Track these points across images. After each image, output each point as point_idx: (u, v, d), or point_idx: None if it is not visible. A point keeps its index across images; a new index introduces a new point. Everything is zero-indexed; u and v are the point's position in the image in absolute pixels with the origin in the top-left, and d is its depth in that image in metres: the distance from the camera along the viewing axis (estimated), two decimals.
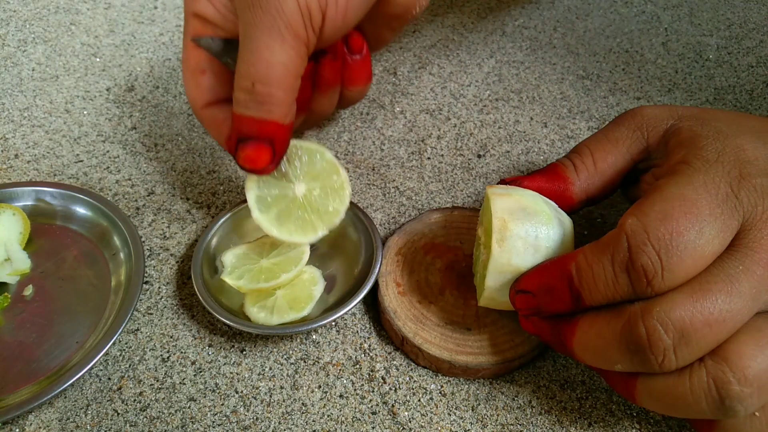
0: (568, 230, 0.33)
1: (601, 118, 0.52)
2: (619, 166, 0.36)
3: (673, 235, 0.27)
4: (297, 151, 0.38)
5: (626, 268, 0.27)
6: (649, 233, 0.27)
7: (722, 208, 0.28)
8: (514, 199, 0.33)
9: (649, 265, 0.27)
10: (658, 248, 0.27)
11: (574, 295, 0.29)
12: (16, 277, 0.39)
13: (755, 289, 0.27)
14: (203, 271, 0.38)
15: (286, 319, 0.36)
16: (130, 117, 0.52)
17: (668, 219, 0.27)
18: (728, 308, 0.26)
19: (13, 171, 0.47)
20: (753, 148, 0.30)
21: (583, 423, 0.34)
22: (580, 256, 0.29)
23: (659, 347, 0.26)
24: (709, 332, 0.26)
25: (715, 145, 0.30)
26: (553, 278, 0.30)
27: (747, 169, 0.29)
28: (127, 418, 0.34)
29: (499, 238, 0.32)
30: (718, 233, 0.27)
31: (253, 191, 0.37)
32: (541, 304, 0.31)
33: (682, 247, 0.27)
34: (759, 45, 0.60)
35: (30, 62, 0.56)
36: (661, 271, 0.27)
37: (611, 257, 0.28)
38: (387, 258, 0.39)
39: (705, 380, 0.26)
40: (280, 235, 0.37)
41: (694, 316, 0.26)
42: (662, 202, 0.28)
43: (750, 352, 0.26)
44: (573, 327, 0.30)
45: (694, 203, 0.28)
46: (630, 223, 0.28)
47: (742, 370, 0.26)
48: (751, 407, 0.27)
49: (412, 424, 0.34)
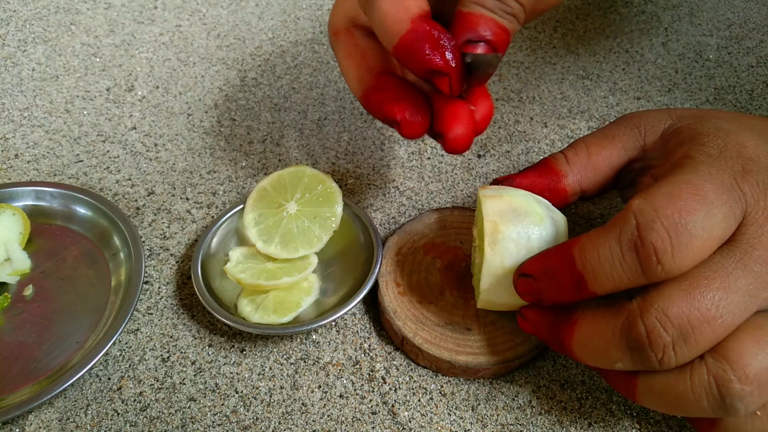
0: (562, 228, 0.33)
1: (601, 118, 0.52)
2: (613, 160, 0.36)
3: (683, 214, 0.26)
4: (281, 179, 0.41)
5: (634, 246, 0.27)
6: (657, 211, 0.26)
7: (728, 195, 0.27)
8: (505, 200, 0.33)
9: (659, 242, 0.26)
10: (668, 226, 0.26)
11: (576, 280, 0.28)
12: (16, 277, 0.39)
13: (753, 285, 0.27)
14: (203, 271, 0.39)
15: (265, 320, 0.36)
16: (130, 117, 0.52)
17: (676, 199, 0.27)
18: (725, 304, 0.26)
19: (13, 171, 0.47)
20: (754, 146, 0.30)
21: (583, 423, 0.34)
22: (585, 239, 0.28)
23: (659, 344, 0.26)
24: (707, 329, 0.26)
25: (717, 141, 0.30)
26: (555, 261, 0.29)
27: (749, 165, 0.29)
28: (127, 418, 0.34)
29: (491, 242, 0.32)
30: (724, 217, 0.27)
31: (252, 228, 0.40)
32: (542, 289, 0.30)
33: (691, 226, 0.26)
34: (759, 45, 0.60)
35: (30, 62, 0.56)
36: (671, 249, 0.26)
37: (618, 236, 0.27)
38: (387, 258, 0.39)
39: (706, 378, 0.26)
40: (290, 256, 0.39)
41: (692, 312, 0.26)
42: (669, 185, 0.28)
43: (751, 350, 0.26)
44: (571, 327, 0.30)
45: (700, 187, 0.27)
46: (637, 203, 0.27)
47: (742, 368, 0.26)
48: (752, 406, 0.26)
49: (412, 424, 0.34)
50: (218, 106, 0.52)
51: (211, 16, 0.62)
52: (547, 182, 0.36)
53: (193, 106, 0.53)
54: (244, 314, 0.37)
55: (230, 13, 0.62)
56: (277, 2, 0.64)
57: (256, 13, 0.63)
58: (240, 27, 0.61)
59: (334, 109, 0.52)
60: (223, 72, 0.56)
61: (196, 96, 0.53)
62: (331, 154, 0.49)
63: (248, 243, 0.40)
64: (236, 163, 0.48)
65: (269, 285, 0.37)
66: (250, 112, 0.52)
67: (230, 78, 0.55)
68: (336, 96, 0.54)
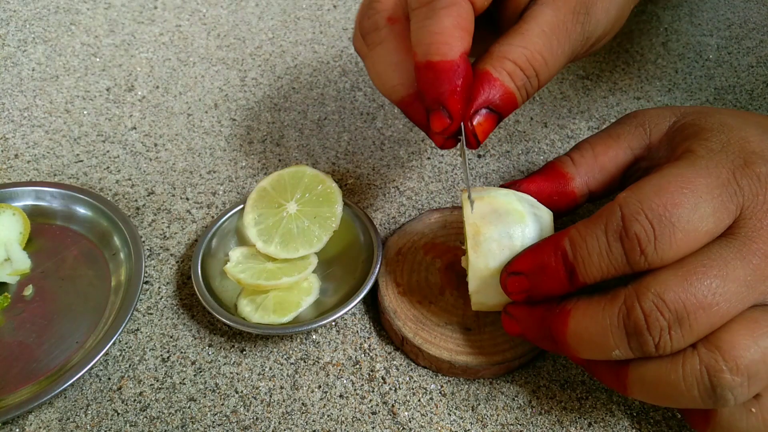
0: (547, 224, 0.33)
1: (601, 118, 0.52)
2: (620, 160, 0.36)
3: (667, 207, 0.27)
4: (281, 179, 0.41)
5: (620, 236, 0.27)
6: (642, 203, 0.27)
7: (721, 190, 0.28)
8: (485, 201, 0.33)
9: (642, 233, 0.27)
10: (651, 217, 0.27)
11: (569, 271, 0.29)
12: (16, 277, 0.39)
13: (750, 277, 0.27)
14: (203, 271, 0.39)
15: (265, 320, 0.36)
16: (130, 117, 0.52)
17: (663, 192, 0.27)
18: (722, 292, 0.26)
19: (13, 171, 0.47)
20: (759, 140, 0.30)
21: (583, 423, 0.34)
22: (573, 231, 0.29)
23: (656, 328, 0.27)
24: (702, 315, 0.26)
25: (720, 137, 0.30)
26: (546, 255, 0.30)
27: (751, 158, 0.29)
28: (127, 418, 0.34)
29: (473, 244, 0.32)
30: (713, 212, 0.27)
31: (252, 228, 0.39)
32: (534, 284, 0.30)
33: (675, 219, 0.27)
34: (759, 45, 0.60)
35: (30, 62, 0.56)
36: (654, 240, 0.27)
37: (605, 227, 0.28)
38: (387, 258, 0.39)
39: (698, 368, 0.27)
40: (290, 256, 0.39)
41: (688, 298, 0.26)
42: (659, 178, 0.28)
43: (744, 342, 0.26)
44: (565, 317, 0.29)
45: (691, 181, 0.28)
46: (624, 195, 0.28)
47: (734, 359, 0.26)
48: (742, 397, 0.27)
49: (412, 424, 0.34)
50: (218, 106, 0.53)
51: (211, 16, 0.62)
52: (555, 186, 0.36)
53: (193, 106, 0.53)
54: (244, 314, 0.37)
55: (230, 13, 0.63)
56: (277, 2, 0.64)
57: (256, 13, 0.63)
58: (240, 27, 0.61)
59: (334, 109, 0.52)
60: (223, 72, 0.56)
61: (196, 96, 0.53)
62: (331, 154, 0.49)
63: (248, 243, 0.40)
64: (236, 163, 0.48)
65: (269, 285, 0.37)
66: (250, 112, 0.52)
67: (230, 78, 0.55)
68: (336, 96, 0.54)
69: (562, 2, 0.33)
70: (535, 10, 0.33)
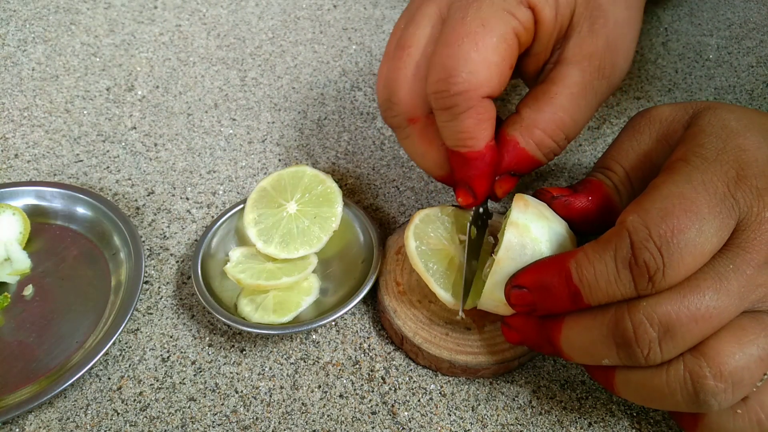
0: None
1: (601, 118, 0.52)
2: (649, 180, 0.35)
3: (675, 232, 0.27)
4: (281, 179, 0.41)
5: (629, 265, 0.27)
6: (650, 230, 0.27)
7: (720, 207, 0.28)
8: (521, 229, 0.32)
9: (652, 261, 0.27)
10: (660, 245, 0.27)
11: (572, 293, 0.29)
12: (16, 277, 0.39)
13: (744, 288, 0.27)
14: (203, 271, 0.39)
15: (265, 320, 0.36)
16: (130, 117, 0.52)
17: (669, 216, 0.27)
18: (715, 305, 0.26)
19: (13, 171, 0.47)
20: (755, 149, 0.29)
21: (583, 423, 0.34)
22: (581, 254, 0.29)
23: (645, 340, 0.27)
24: (694, 327, 0.26)
25: (716, 143, 0.30)
26: (550, 275, 0.30)
27: (745, 170, 0.29)
28: (127, 418, 0.34)
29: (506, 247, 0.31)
30: (716, 231, 0.27)
31: (252, 228, 0.39)
32: (537, 301, 0.30)
33: (683, 245, 0.27)
34: (759, 45, 0.60)
35: (30, 62, 0.56)
36: (663, 267, 0.27)
37: (614, 254, 0.28)
38: (387, 258, 0.39)
39: (681, 373, 0.27)
40: (290, 256, 0.39)
41: (681, 311, 0.26)
42: (662, 200, 0.28)
43: (729, 349, 0.27)
44: (558, 324, 0.30)
45: (693, 201, 0.28)
46: (631, 220, 0.28)
47: (718, 366, 0.26)
48: (725, 402, 0.27)
49: (411, 424, 0.34)
50: (218, 106, 0.53)
51: (211, 16, 0.62)
52: (602, 216, 0.35)
53: (193, 105, 0.53)
54: (244, 314, 0.37)
55: (230, 13, 0.62)
56: (277, 2, 0.64)
57: (256, 13, 0.63)
58: (240, 27, 0.61)
59: (334, 109, 0.52)
60: (223, 72, 0.56)
61: (196, 96, 0.53)
62: (331, 154, 0.49)
63: (248, 243, 0.40)
64: (236, 163, 0.48)
65: (269, 285, 0.37)
66: (250, 112, 0.52)
67: (230, 78, 0.55)
68: (336, 96, 0.54)
69: (587, 62, 0.34)
70: (562, 71, 0.35)
